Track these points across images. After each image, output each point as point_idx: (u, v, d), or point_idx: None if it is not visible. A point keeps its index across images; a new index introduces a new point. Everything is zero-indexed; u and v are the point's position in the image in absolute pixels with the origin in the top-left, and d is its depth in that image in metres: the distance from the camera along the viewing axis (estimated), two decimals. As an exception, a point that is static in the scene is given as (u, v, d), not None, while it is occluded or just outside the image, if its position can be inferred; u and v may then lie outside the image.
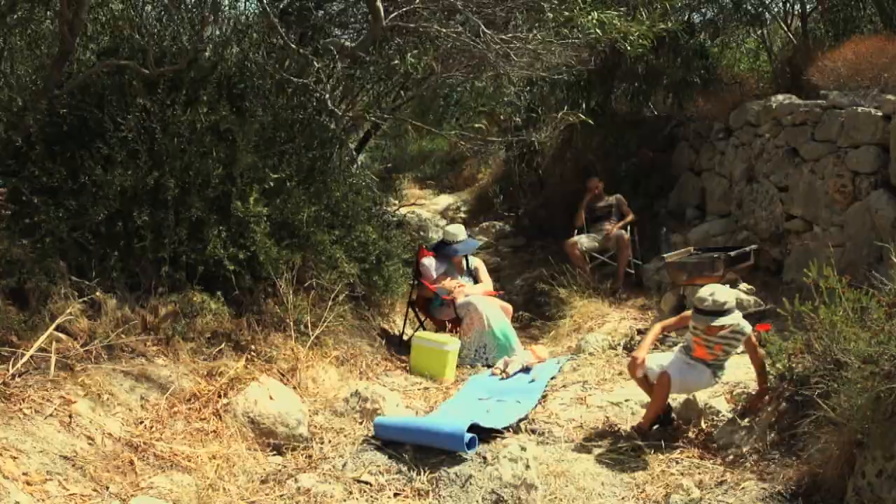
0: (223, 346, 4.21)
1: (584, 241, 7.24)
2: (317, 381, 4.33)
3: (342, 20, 7.34)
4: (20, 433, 3.00)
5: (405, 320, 5.94)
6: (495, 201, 11.62)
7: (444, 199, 14.72)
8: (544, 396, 4.31)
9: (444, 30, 5.69)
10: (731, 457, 3.41)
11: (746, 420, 3.52)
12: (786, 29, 8.76)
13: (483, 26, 5.60)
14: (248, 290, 4.58)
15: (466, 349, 5.39)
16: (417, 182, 15.96)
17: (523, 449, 3.39)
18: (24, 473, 2.79)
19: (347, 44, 5.93)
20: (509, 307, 5.73)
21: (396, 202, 8.71)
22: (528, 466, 3.27)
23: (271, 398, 3.77)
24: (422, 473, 3.39)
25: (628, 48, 6.22)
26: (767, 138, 6.21)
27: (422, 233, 9.46)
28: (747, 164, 6.53)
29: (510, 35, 5.58)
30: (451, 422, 3.60)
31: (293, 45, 5.79)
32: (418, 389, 4.75)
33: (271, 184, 4.57)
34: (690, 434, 3.70)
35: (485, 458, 3.46)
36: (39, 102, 4.34)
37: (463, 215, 13.70)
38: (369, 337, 5.44)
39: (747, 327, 3.64)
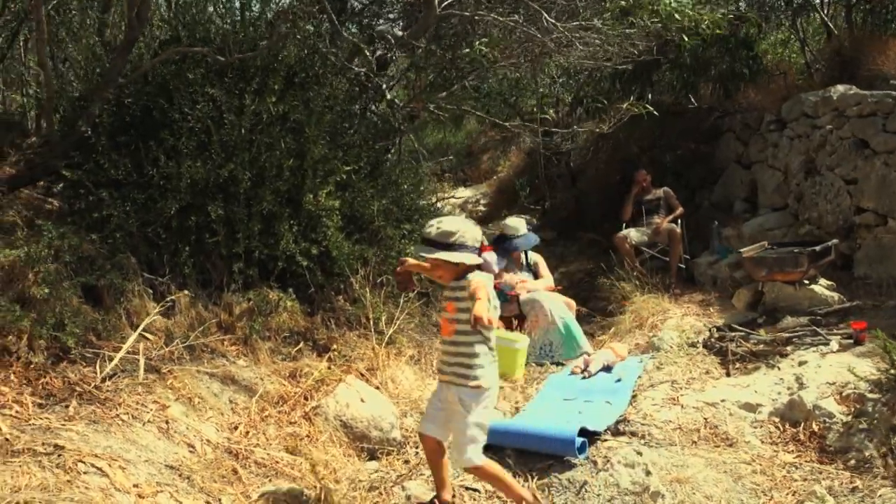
0: (301, 345, 4.04)
1: (633, 234, 7.09)
2: (395, 382, 4.16)
3: (377, 10, 7.18)
4: (122, 441, 2.83)
5: (464, 317, 5.77)
6: (521, 194, 11.44)
7: (463, 193, 14.54)
8: (634, 396, 4.16)
9: (501, 18, 5.52)
10: (852, 461, 3.27)
11: (863, 421, 3.38)
12: (826, 20, 8.62)
13: (545, 14, 5.44)
14: (319, 287, 4.41)
15: (532, 346, 5.22)
16: (433, 175, 15.80)
17: (639, 453, 3.25)
18: (134, 485, 2.62)
19: (399, 32, 5.74)
20: (573, 303, 5.58)
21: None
22: (648, 472, 3.12)
23: (362, 401, 3.61)
24: (530, 479, 3.25)
25: (685, 38, 6.07)
26: (830, 130, 6.06)
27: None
28: (805, 157, 6.39)
29: (575, 24, 5.42)
30: (558, 425, 3.45)
31: (346, 34, 5.63)
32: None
33: (343, 176, 4.38)
34: (802, 437, 3.55)
35: (595, 462, 3.32)
36: (105, 92, 4.14)
37: (483, 209, 13.52)
38: (431, 334, 5.27)
39: (476, 276, 2.82)
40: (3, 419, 2.73)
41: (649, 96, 5.69)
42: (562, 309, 5.38)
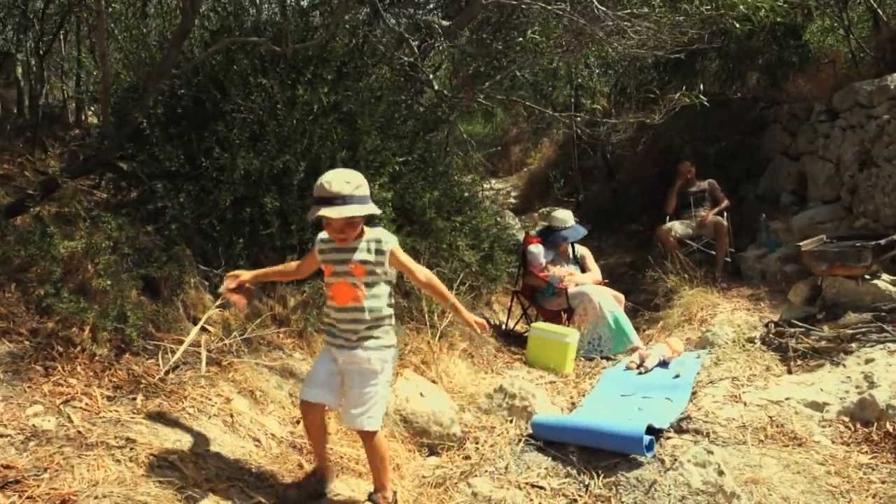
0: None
1: (677, 227, 6.96)
2: (449, 376, 4.11)
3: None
4: (191, 435, 2.81)
5: (509, 310, 5.70)
6: (555, 186, 11.32)
7: (493, 185, 14.43)
8: (693, 393, 4.06)
9: (548, 6, 5.41)
10: (933, 462, 3.16)
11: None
12: (875, 7, 8.37)
13: (596, 2, 5.32)
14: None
15: (580, 340, 5.14)
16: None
17: (710, 452, 3.15)
18: (206, 480, 2.59)
19: (443, 22, 5.65)
20: (621, 296, 5.48)
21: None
22: (721, 472, 3.02)
23: (422, 395, 3.56)
24: (596, 478, 3.17)
25: (737, 26, 5.91)
26: (887, 120, 5.88)
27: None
28: (860, 148, 6.21)
29: (626, 12, 5.29)
30: (624, 422, 3.36)
31: (391, 24, 5.56)
32: (546, 384, 4.52)
33: (396, 167, 4.32)
34: (875, 437, 3.44)
35: (662, 461, 3.24)
36: (159, 83, 4.12)
37: (513, 201, 13.41)
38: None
39: (388, 239, 2.61)
40: (73, 411, 2.72)
41: (701, 86, 5.53)
42: (611, 303, 5.30)
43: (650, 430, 3.35)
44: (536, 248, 5.58)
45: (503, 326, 5.70)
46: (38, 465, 2.37)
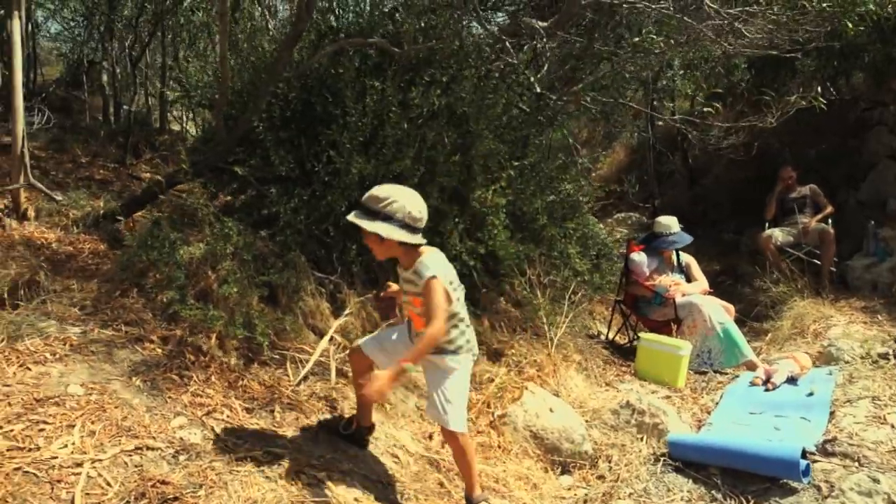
0: (474, 349, 3.84)
1: (777, 234, 6.63)
2: (568, 389, 3.94)
3: (497, 2, 6.95)
4: (332, 451, 2.70)
5: (610, 320, 5.49)
6: (630, 192, 11.02)
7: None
8: (831, 413, 3.80)
9: (652, 5, 5.19)
10: None
11: None
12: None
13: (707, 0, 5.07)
14: (481, 287, 4.22)
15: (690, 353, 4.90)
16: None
17: (875, 481, 2.90)
18: (355, 499, 2.48)
19: (541, 24, 5.48)
20: (731, 307, 5.21)
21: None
22: (892, 503, 2.78)
23: (551, 410, 3.39)
24: (747, 504, 2.95)
25: (848, 24, 5.57)
26: None
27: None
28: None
29: (738, 9, 5.04)
30: (774, 445, 3.14)
31: (489, 27, 5.43)
32: (661, 399, 4.30)
33: (512, 172, 4.17)
34: None
35: (818, 487, 3.00)
36: (272, 86, 4.06)
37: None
38: (582, 338, 5.02)
39: (426, 270, 2.42)
40: (216, 423, 2.64)
41: (818, 88, 5.25)
42: (720, 314, 5.04)
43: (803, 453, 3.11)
44: (639, 257, 5.35)
45: (602, 336, 5.48)
46: (192, 482, 2.29)
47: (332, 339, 3.35)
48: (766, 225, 6.81)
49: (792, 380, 4.22)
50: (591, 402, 3.84)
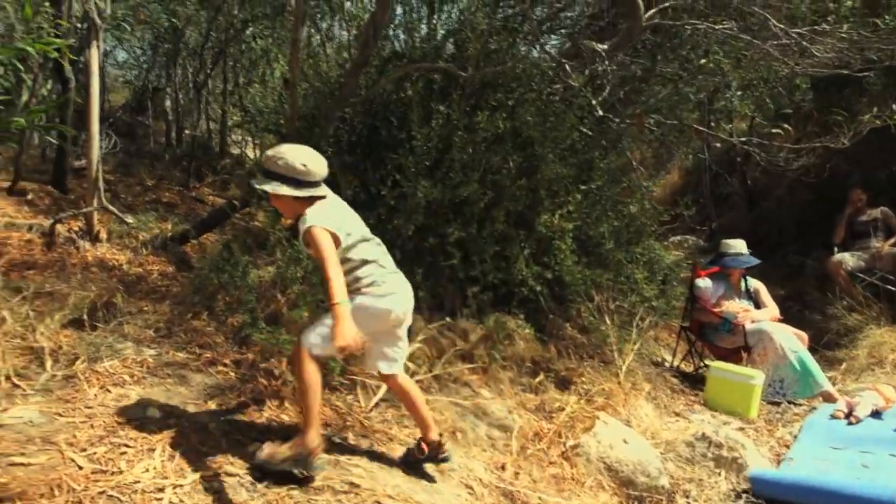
0: (542, 376, 3.77)
1: (848, 259, 6.38)
2: (638, 419, 3.81)
3: (553, 25, 6.92)
4: (406, 480, 2.65)
5: (675, 347, 5.34)
6: (686, 214, 10.80)
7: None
8: (923, 450, 3.59)
9: (717, 26, 5.10)
10: None
11: None
12: None
13: (772, 20, 4.96)
14: (547, 313, 4.14)
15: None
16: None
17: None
18: (434, 531, 2.42)
19: (601, 46, 5.43)
20: (804, 335, 5.00)
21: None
22: None
23: (625, 442, 3.28)
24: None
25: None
26: None
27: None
28: None
29: (807, 28, 4.91)
30: (867, 483, 2.97)
31: (550, 53, 5.41)
32: (734, 430, 4.13)
33: (578, 196, 4.11)
34: None
35: (918, 532, 2.81)
36: (339, 111, 4.10)
37: (633, 228, 12.94)
38: (649, 366, 4.89)
39: (307, 219, 2.39)
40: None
41: (894, 107, 5.06)
42: (793, 342, 4.84)
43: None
44: (705, 282, 5.20)
45: (667, 363, 5.32)
46: (272, 509, 2.26)
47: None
48: (836, 249, 6.57)
49: (876, 413, 4.02)
50: (663, 434, 3.71)
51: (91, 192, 4.61)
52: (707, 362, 4.96)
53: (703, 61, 4.61)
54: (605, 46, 5.31)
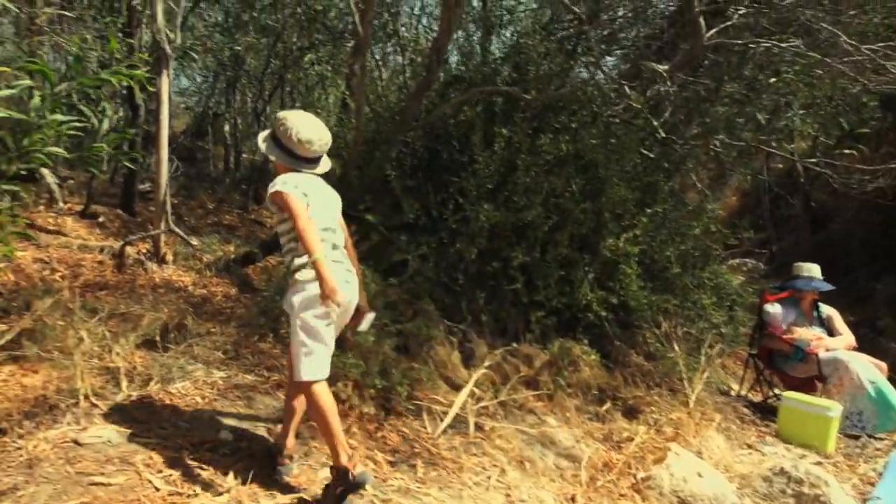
0: (608, 404, 3.67)
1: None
2: (709, 451, 3.67)
3: (609, 47, 6.87)
4: (478, 509, 2.60)
5: (743, 375, 5.15)
6: (745, 237, 10.52)
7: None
8: None
9: (783, 44, 4.97)
10: None
11: None
12: None
13: (844, 37, 4.82)
14: (612, 339, 4.05)
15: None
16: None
17: None
18: (508, 564, 2.35)
19: (661, 67, 5.35)
20: (883, 365, 4.75)
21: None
22: None
23: (700, 475, 3.15)
24: None
25: None
26: None
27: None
28: None
29: (881, 44, 4.75)
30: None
31: (611, 75, 5.36)
32: (812, 464, 3.94)
33: (644, 219, 4.03)
34: None
35: None
36: (401, 134, 4.13)
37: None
38: (716, 394, 4.72)
39: (272, 186, 2.37)
40: (362, 476, 2.59)
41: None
42: (871, 371, 4.61)
43: None
44: (774, 308, 5.01)
45: (733, 392, 5.13)
46: (343, 536, 2.23)
47: (470, 391, 3.27)
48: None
49: (967, 449, 3.78)
50: (737, 467, 3.56)
51: (159, 216, 4.73)
52: (777, 392, 4.77)
53: (773, 80, 4.48)
54: (666, 67, 5.24)
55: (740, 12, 5.29)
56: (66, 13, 4.23)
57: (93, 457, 2.39)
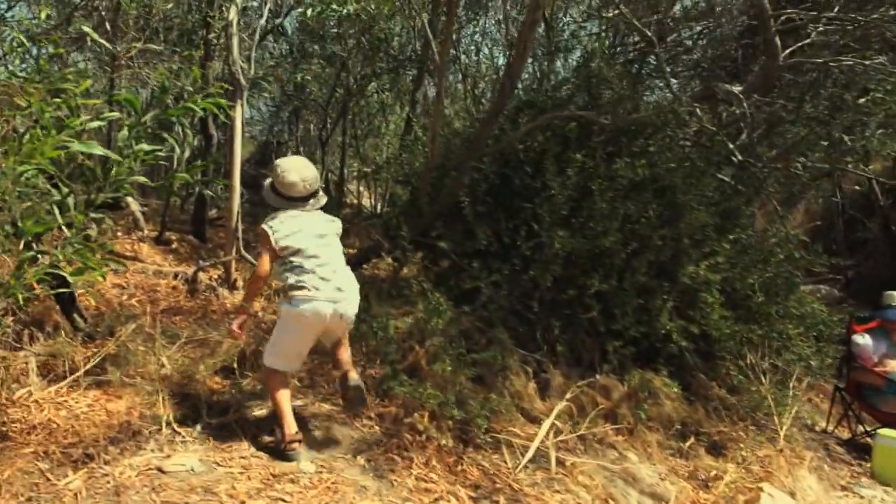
0: (692, 440, 3.50)
1: None
2: (802, 492, 3.45)
3: (675, 69, 6.74)
4: (566, 551, 2.48)
5: (830, 410, 4.87)
6: (817, 261, 10.10)
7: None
8: None
9: (866, 62, 4.77)
10: None
11: None
12: None
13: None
14: (693, 371, 3.88)
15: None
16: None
17: None
18: None
19: (736, 88, 5.19)
20: None
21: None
22: None
23: (797, 519, 2.96)
24: None
25: None
26: None
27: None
28: None
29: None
30: None
31: (682, 97, 5.24)
32: (915, 510, 3.68)
33: (727, 246, 3.87)
34: None
35: None
36: (473, 159, 4.09)
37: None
38: (805, 430, 4.47)
39: (263, 223, 2.83)
40: (444, 513, 2.51)
41: None
42: (975, 409, 4.30)
43: None
44: (864, 339, 4.74)
45: (817, 428, 4.86)
46: (432, 577, 2.15)
47: (551, 425, 3.16)
48: None
49: None
50: (834, 511, 3.34)
51: (230, 242, 4.80)
52: (869, 428, 4.49)
53: (861, 100, 4.28)
54: (740, 88, 5.09)
55: (819, 30, 5.12)
56: (151, 46, 4.37)
57: (177, 485, 2.38)
